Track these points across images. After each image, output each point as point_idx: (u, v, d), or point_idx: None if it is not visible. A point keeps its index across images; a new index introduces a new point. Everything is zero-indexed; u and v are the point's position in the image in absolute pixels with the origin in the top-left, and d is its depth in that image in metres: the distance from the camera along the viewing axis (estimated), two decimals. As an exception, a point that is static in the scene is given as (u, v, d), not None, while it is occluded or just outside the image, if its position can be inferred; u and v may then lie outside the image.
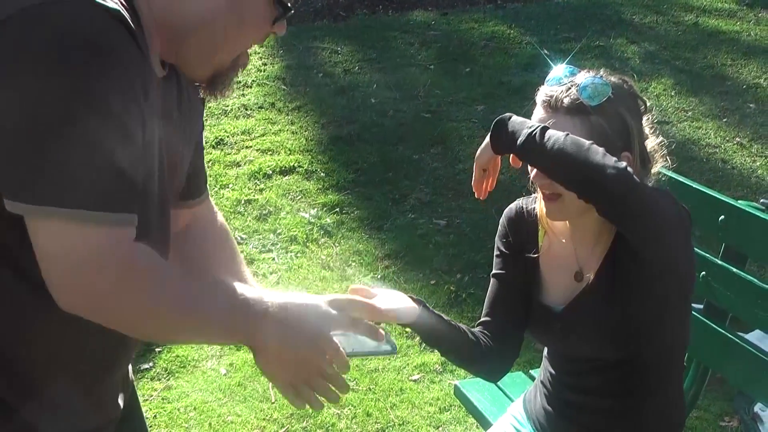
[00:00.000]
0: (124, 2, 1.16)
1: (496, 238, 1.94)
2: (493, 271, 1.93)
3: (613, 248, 1.74)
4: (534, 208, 1.88)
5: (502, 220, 1.94)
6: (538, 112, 1.71)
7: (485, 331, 1.89)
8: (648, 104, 1.78)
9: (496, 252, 1.93)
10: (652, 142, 1.78)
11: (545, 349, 1.97)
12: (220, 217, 1.67)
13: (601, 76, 1.70)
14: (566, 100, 1.67)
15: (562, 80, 1.70)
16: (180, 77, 1.36)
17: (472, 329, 1.89)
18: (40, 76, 1.06)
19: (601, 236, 1.75)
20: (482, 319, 1.92)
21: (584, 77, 1.69)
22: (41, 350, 1.24)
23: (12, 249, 1.16)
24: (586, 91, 1.66)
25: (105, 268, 1.11)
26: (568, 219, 1.80)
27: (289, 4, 1.30)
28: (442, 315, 1.80)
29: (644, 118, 1.76)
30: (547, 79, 1.73)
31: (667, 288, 1.72)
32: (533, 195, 1.88)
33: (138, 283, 1.15)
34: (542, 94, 1.72)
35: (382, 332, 1.50)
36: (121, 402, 1.45)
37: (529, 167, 1.74)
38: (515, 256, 1.89)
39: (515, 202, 1.93)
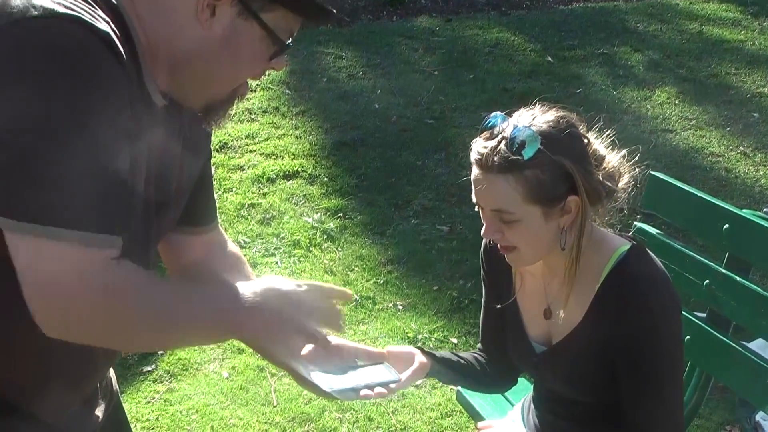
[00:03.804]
0: (117, 30, 1.15)
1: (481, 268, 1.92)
2: (483, 300, 1.95)
3: (594, 308, 1.68)
4: None
5: (481, 252, 1.90)
6: (473, 170, 1.62)
7: (484, 356, 1.96)
8: (590, 137, 1.66)
9: (482, 281, 1.93)
10: (613, 160, 1.69)
11: None
12: (231, 244, 1.67)
13: (531, 125, 1.59)
14: (496, 158, 1.56)
15: (494, 130, 1.60)
16: (182, 107, 1.35)
17: (476, 355, 1.96)
18: (23, 91, 1.05)
19: (570, 275, 1.68)
20: (479, 345, 1.99)
21: (512, 128, 1.58)
22: (2, 365, 1.22)
23: None
24: (514, 145, 1.56)
25: (85, 291, 1.07)
26: (530, 265, 1.76)
27: (287, 42, 1.28)
28: (451, 357, 1.88)
29: (591, 149, 1.65)
30: (480, 126, 1.64)
31: None
32: None
33: (119, 303, 1.11)
34: (474, 151, 1.61)
35: (378, 351, 1.54)
36: (99, 413, 1.44)
37: (482, 216, 1.66)
38: (494, 289, 1.89)
39: None
